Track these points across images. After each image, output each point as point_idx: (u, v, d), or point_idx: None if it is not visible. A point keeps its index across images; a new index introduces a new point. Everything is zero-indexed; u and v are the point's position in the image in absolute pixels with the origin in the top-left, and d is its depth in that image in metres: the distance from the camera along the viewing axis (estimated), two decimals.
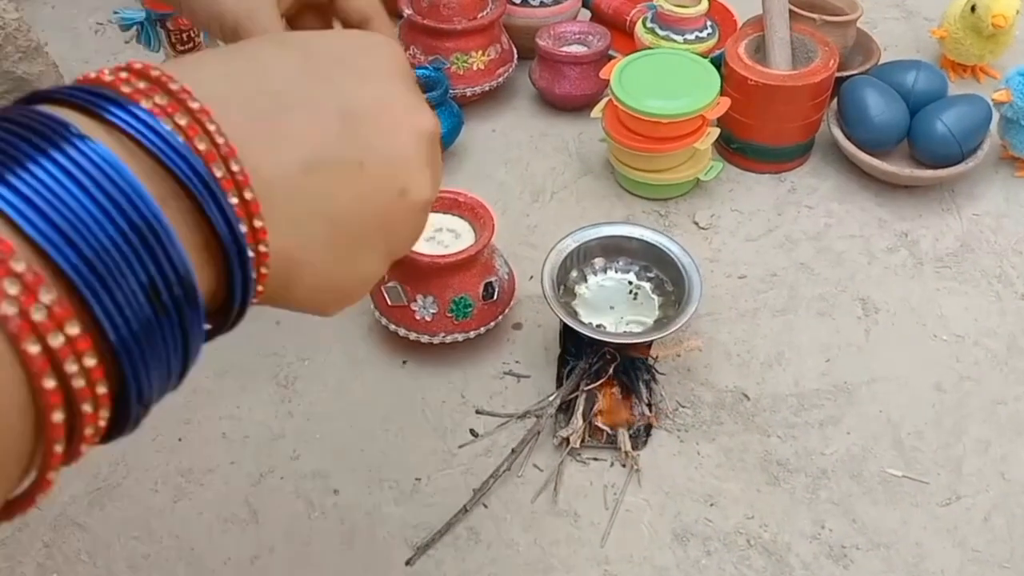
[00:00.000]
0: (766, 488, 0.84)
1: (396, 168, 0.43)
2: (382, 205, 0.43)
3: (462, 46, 1.14)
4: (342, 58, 0.43)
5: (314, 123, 0.40)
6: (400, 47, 0.46)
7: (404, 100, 0.43)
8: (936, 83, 1.11)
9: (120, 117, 0.32)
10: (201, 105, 0.34)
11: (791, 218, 1.08)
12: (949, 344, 0.95)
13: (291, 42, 0.42)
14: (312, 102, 0.40)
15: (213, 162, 0.34)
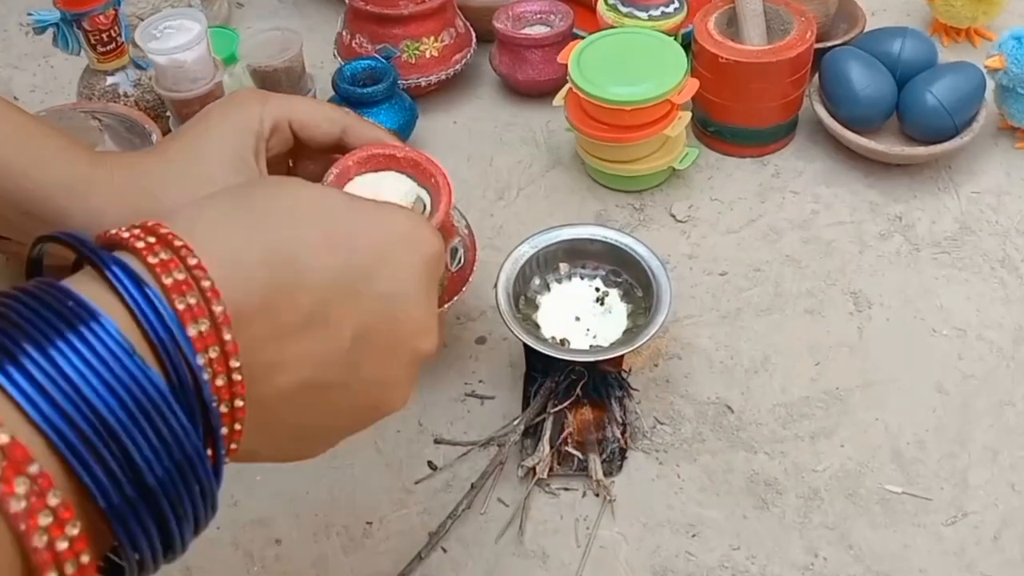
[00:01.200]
0: (753, 513, 0.76)
1: (378, 391, 0.47)
2: (353, 416, 0.47)
3: (412, 32, 1.05)
4: (380, 259, 0.45)
5: (326, 346, 0.43)
6: (438, 241, 0.49)
7: (415, 320, 0.47)
8: (925, 51, 1.02)
9: (140, 305, 0.36)
10: (224, 311, 0.37)
11: (775, 206, 0.99)
12: (950, 339, 0.87)
13: (339, 231, 0.44)
14: (333, 322, 0.42)
15: (219, 373, 0.37)
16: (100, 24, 0.99)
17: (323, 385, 0.43)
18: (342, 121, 0.70)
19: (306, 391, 0.43)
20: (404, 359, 0.47)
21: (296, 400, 0.43)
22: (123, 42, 1.02)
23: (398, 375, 0.47)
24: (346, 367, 0.44)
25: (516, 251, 0.84)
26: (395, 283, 0.45)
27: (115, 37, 1.01)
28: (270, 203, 0.43)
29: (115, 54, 1.02)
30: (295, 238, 0.42)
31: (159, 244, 0.38)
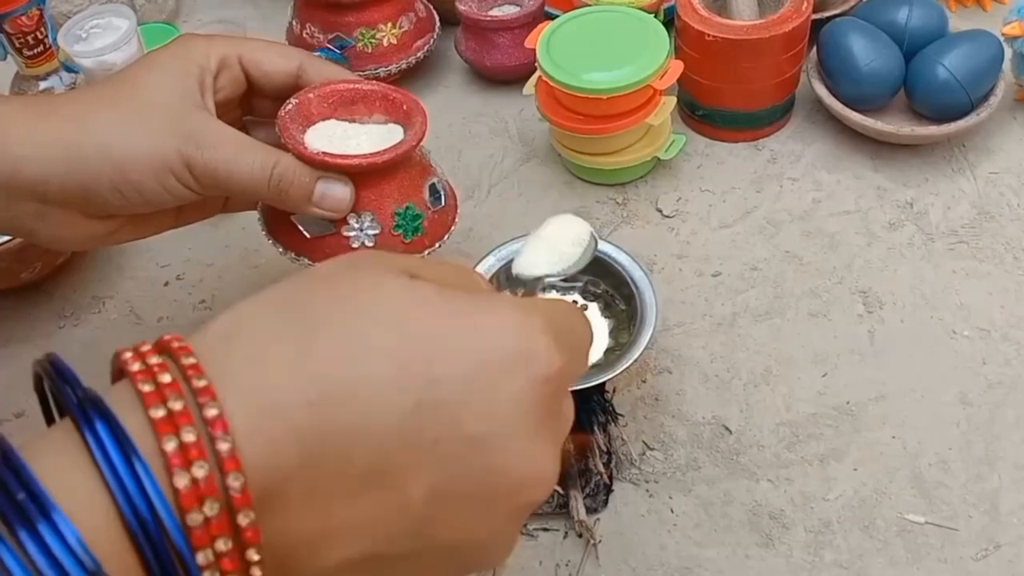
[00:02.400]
0: (756, 552, 0.67)
1: (464, 555, 0.37)
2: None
3: (366, 19, 0.96)
4: (470, 391, 0.34)
5: (391, 512, 0.33)
6: (558, 357, 0.36)
7: (520, 466, 0.35)
8: (934, 19, 0.93)
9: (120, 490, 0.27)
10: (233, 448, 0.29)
11: (772, 195, 0.90)
12: (972, 341, 0.78)
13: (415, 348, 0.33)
14: (403, 479, 0.33)
15: (228, 573, 0.29)
16: (24, 26, 0.92)
17: (385, 558, 0.34)
18: (298, 57, 0.63)
19: (361, 567, 0.34)
20: (502, 514, 0.37)
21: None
22: (51, 45, 0.94)
23: (493, 533, 0.37)
24: (417, 535, 0.34)
25: (481, 265, 0.75)
26: (488, 422, 0.35)
27: (42, 39, 0.93)
28: (334, 310, 0.34)
29: (44, 58, 0.95)
30: (357, 372, 0.32)
31: (173, 387, 0.29)
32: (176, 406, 0.29)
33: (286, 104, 0.63)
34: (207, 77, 0.59)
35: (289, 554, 0.31)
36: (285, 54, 0.63)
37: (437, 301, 0.35)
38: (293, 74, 0.63)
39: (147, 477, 0.27)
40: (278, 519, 0.30)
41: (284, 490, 0.30)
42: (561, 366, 0.36)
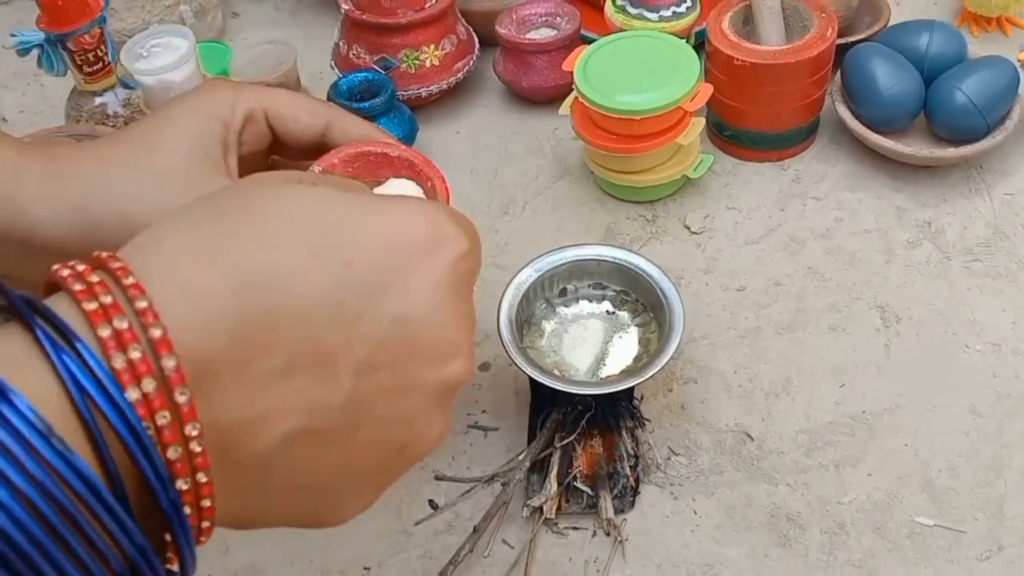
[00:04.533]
0: (775, 551, 0.71)
1: (399, 431, 0.39)
2: (373, 467, 0.39)
3: (411, 41, 1.01)
4: (387, 271, 0.37)
5: (321, 389, 0.35)
6: (467, 239, 0.39)
7: (440, 341, 0.38)
8: (954, 45, 0.97)
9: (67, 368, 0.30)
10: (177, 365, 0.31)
11: (796, 213, 0.94)
12: (984, 356, 0.82)
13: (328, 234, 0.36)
14: (326, 358, 0.35)
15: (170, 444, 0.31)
16: (85, 44, 0.96)
17: (322, 435, 0.36)
18: (326, 115, 0.61)
19: (299, 444, 0.35)
20: (428, 391, 0.39)
21: (289, 457, 0.36)
22: (110, 61, 0.99)
23: (423, 409, 0.39)
24: (349, 410, 0.36)
25: (519, 276, 0.80)
26: (408, 299, 0.37)
27: (102, 57, 0.98)
28: (244, 215, 0.36)
29: (102, 74, 0.99)
30: (274, 258, 0.35)
31: (102, 285, 0.31)
32: (107, 300, 0.31)
33: (311, 168, 0.62)
34: (231, 135, 0.58)
35: (229, 436, 0.33)
36: (313, 112, 0.61)
37: (343, 198, 0.38)
38: (319, 132, 0.61)
39: (89, 355, 0.30)
40: (215, 399, 0.32)
41: (216, 371, 0.33)
42: (467, 249, 0.39)
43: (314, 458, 0.36)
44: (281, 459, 0.35)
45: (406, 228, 0.38)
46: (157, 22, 1.14)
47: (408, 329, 0.37)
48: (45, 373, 0.30)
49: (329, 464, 0.37)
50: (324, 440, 0.36)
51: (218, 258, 0.34)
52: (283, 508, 0.38)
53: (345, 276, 0.35)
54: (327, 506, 0.39)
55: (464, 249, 0.39)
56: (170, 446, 0.31)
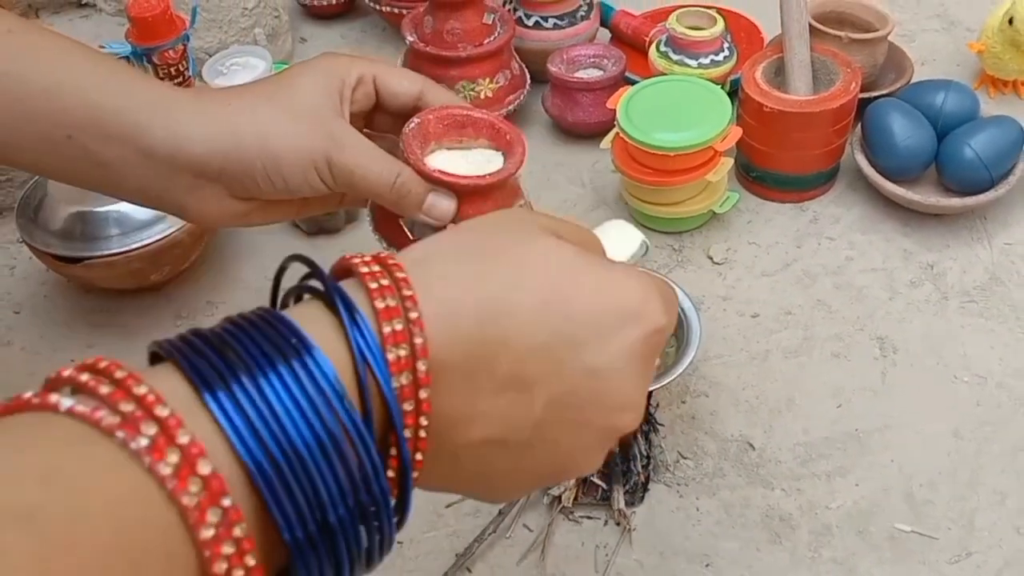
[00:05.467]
0: (766, 546, 0.80)
1: (565, 456, 0.46)
2: (537, 474, 0.47)
3: (468, 74, 1.11)
4: (594, 331, 0.44)
5: (519, 410, 0.43)
6: (666, 318, 0.46)
7: (619, 396, 0.45)
8: (967, 104, 1.05)
9: (359, 347, 0.37)
10: (427, 370, 0.39)
11: (811, 251, 1.03)
12: (971, 386, 0.90)
13: (558, 290, 0.43)
14: (532, 387, 0.43)
15: (408, 426, 0.39)
16: (169, 59, 1.06)
17: (508, 443, 0.44)
18: (420, 82, 0.70)
19: (491, 447, 0.43)
20: (598, 431, 0.46)
21: (480, 452, 0.43)
22: (190, 76, 1.09)
23: (586, 445, 0.47)
24: (534, 431, 0.44)
25: None
26: (604, 358, 0.44)
27: (183, 71, 1.08)
28: (500, 255, 0.43)
29: (183, 85, 1.09)
30: (513, 299, 0.42)
31: (389, 289, 0.39)
32: (392, 303, 0.39)
33: (409, 122, 0.70)
34: (347, 90, 0.66)
35: (444, 426, 0.41)
36: (411, 78, 0.71)
37: (578, 258, 0.45)
38: (415, 96, 0.70)
39: (373, 343, 0.38)
40: (442, 398, 0.40)
41: (449, 378, 0.40)
42: (664, 325, 0.46)
43: (495, 460, 0.44)
44: (472, 454, 0.43)
45: (619, 297, 0.45)
46: (233, 42, 1.25)
47: (597, 381, 0.44)
48: (341, 348, 0.37)
49: (504, 467, 0.45)
50: (507, 449, 0.44)
51: (474, 290, 0.41)
52: (458, 486, 0.46)
53: (561, 327, 0.43)
54: (489, 493, 0.48)
55: (661, 325, 0.46)
56: (408, 427, 0.39)
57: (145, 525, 0.31)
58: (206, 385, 0.34)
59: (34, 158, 0.63)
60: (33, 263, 1.04)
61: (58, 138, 0.61)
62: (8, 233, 1.10)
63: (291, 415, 0.34)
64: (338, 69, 0.66)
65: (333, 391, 0.35)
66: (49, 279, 1.04)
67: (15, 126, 0.61)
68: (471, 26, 1.11)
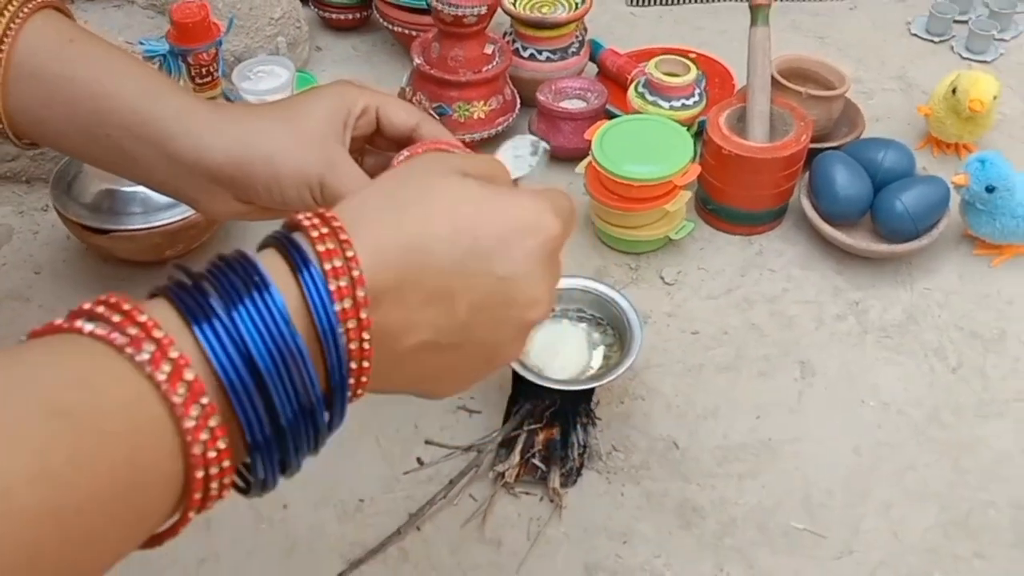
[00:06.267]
0: (677, 531, 0.92)
1: (490, 350, 0.56)
2: (470, 368, 0.57)
3: (465, 96, 1.24)
4: (500, 245, 0.53)
5: (444, 317, 0.52)
6: (558, 223, 0.56)
7: (529, 294, 0.55)
8: (903, 162, 1.18)
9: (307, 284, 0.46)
10: (365, 296, 0.47)
11: (753, 280, 1.15)
12: (874, 411, 1.02)
13: (464, 218, 0.53)
14: (452, 298, 0.52)
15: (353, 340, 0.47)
16: (202, 60, 1.18)
17: (441, 346, 0.53)
18: (418, 116, 0.77)
19: (426, 350, 0.52)
20: (514, 325, 0.56)
21: (418, 356, 0.52)
22: (218, 76, 1.21)
23: (508, 337, 0.56)
24: (461, 332, 0.53)
25: None
26: (511, 265, 0.53)
27: (212, 72, 1.20)
28: (417, 196, 0.52)
29: (210, 86, 1.21)
30: (429, 233, 0.51)
31: (329, 235, 0.47)
32: (331, 246, 0.47)
33: (400, 154, 0.77)
34: (351, 119, 0.73)
35: (385, 337, 0.49)
36: (409, 112, 0.76)
37: (481, 190, 0.54)
38: (411, 127, 0.77)
39: (320, 279, 0.46)
40: (380, 315, 0.48)
41: (384, 299, 0.48)
42: (559, 232, 0.55)
43: (432, 360, 0.53)
44: (411, 358, 0.52)
45: (517, 215, 0.54)
46: (259, 47, 1.38)
47: (507, 284, 0.53)
48: (292, 284, 0.46)
49: (441, 365, 0.54)
50: (441, 350, 0.53)
51: (397, 228, 0.50)
52: (406, 386, 0.55)
53: (471, 246, 0.52)
54: (434, 389, 0.57)
55: (556, 232, 0.55)
56: (352, 340, 0.47)
57: (146, 419, 0.41)
58: (191, 315, 0.43)
59: (77, 147, 0.75)
60: (55, 230, 1.16)
61: (99, 135, 0.72)
62: (35, 201, 1.23)
63: (253, 339, 0.43)
64: (347, 98, 0.74)
65: (282, 318, 0.44)
66: (70, 246, 1.17)
67: (64, 121, 0.72)
68: (473, 54, 1.24)
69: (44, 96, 0.72)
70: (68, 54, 0.72)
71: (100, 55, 0.73)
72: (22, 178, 1.24)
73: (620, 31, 1.56)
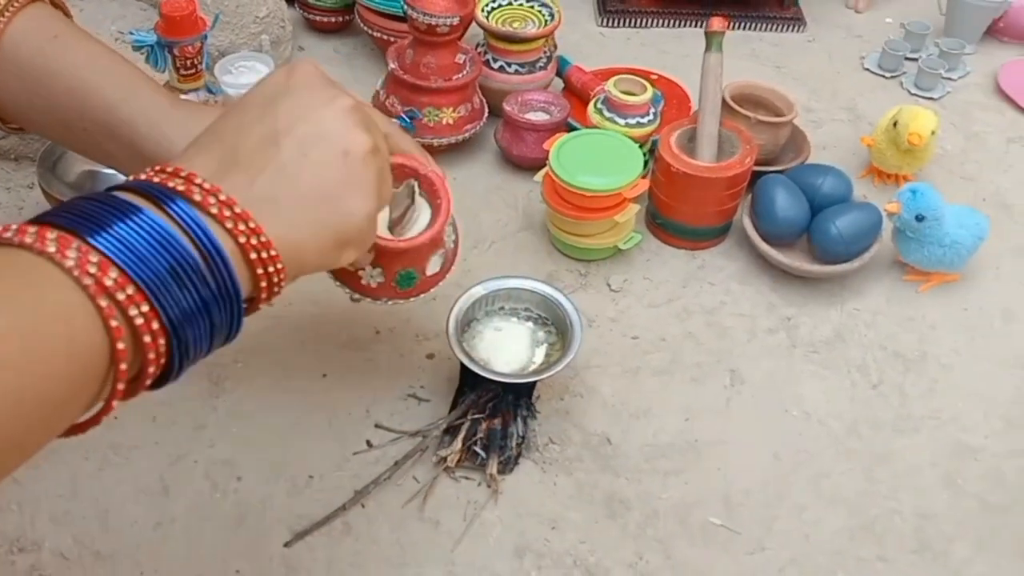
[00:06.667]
0: (603, 520, 0.99)
1: (330, 139, 0.63)
2: (335, 169, 0.63)
3: (435, 102, 1.30)
4: (281, 94, 0.63)
5: (267, 155, 0.61)
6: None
7: (319, 97, 0.63)
8: (841, 188, 1.25)
9: (172, 207, 0.54)
10: (227, 197, 0.57)
11: (693, 292, 1.23)
12: (797, 420, 1.10)
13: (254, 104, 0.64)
14: (266, 146, 0.61)
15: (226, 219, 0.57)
16: (187, 53, 1.24)
17: (281, 169, 0.61)
18: (387, 128, 0.83)
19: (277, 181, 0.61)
20: (325, 117, 0.63)
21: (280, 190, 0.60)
22: (202, 69, 1.27)
23: (333, 126, 0.64)
24: (287, 150, 0.61)
25: (472, 290, 1.08)
26: (293, 83, 0.64)
27: (197, 64, 1.25)
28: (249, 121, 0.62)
29: (193, 77, 1.26)
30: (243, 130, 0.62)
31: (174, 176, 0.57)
32: (180, 186, 0.56)
33: None
34: None
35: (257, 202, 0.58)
36: (381, 122, 0.81)
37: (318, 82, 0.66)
38: None
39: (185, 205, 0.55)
40: (230, 184, 0.58)
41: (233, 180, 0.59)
42: (355, 104, 0.66)
43: (290, 180, 0.61)
44: (277, 195, 0.60)
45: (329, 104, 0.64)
46: (243, 44, 1.44)
47: (299, 101, 0.64)
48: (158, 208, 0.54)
49: (303, 179, 0.62)
50: (288, 169, 0.61)
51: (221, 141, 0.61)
52: (313, 220, 0.62)
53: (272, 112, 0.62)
54: (340, 209, 0.64)
55: (350, 104, 0.65)
56: (226, 220, 0.56)
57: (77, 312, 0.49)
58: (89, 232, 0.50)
59: (57, 136, 0.82)
60: (40, 207, 1.22)
61: (76, 128, 0.79)
62: (22, 179, 1.29)
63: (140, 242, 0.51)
64: None
65: (158, 225, 0.53)
66: None
67: (45, 112, 0.79)
68: (444, 63, 1.30)
69: (27, 87, 0.78)
70: (52, 49, 0.78)
71: (82, 52, 0.79)
72: (11, 156, 1.30)
73: (589, 49, 1.64)
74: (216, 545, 0.95)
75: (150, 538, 0.95)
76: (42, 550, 0.93)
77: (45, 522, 0.95)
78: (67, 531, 0.94)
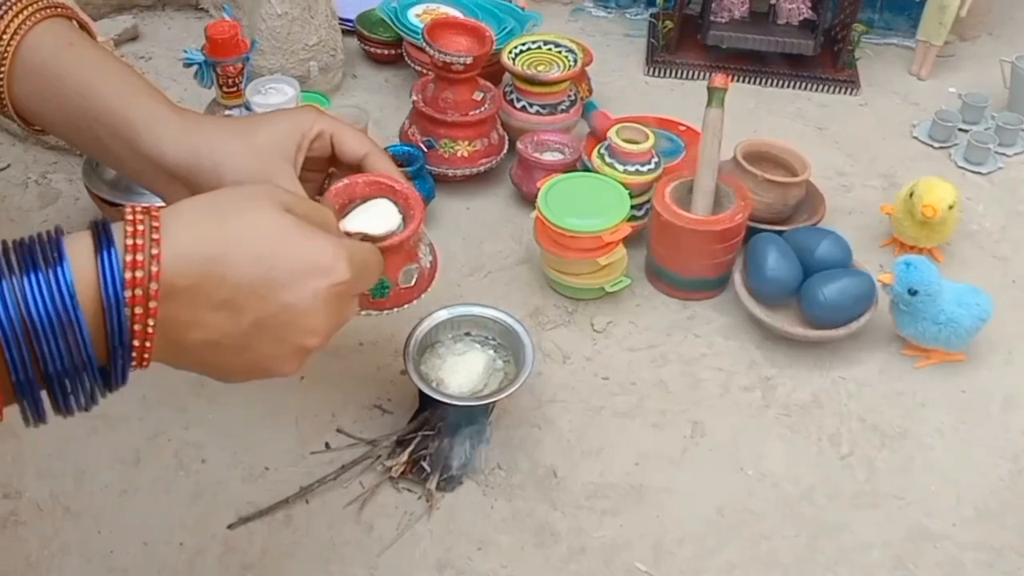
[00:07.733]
0: (530, 548, 1.00)
1: (267, 361, 0.67)
2: (246, 370, 0.67)
3: (452, 135, 1.35)
4: (292, 279, 0.64)
5: (231, 325, 0.63)
6: (350, 272, 0.67)
7: (306, 326, 0.66)
8: (837, 253, 1.24)
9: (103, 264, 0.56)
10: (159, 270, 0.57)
11: (676, 341, 1.24)
12: (751, 479, 1.09)
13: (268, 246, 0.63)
14: (243, 311, 0.62)
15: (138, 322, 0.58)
16: (229, 72, 1.31)
17: (223, 347, 0.63)
18: (368, 147, 0.88)
19: (208, 346, 0.63)
20: (291, 347, 0.66)
21: (200, 349, 0.63)
22: (243, 88, 1.34)
23: (284, 355, 0.67)
24: (242, 340, 0.63)
25: (437, 313, 1.11)
26: (297, 298, 0.64)
27: (238, 83, 1.33)
28: (234, 217, 0.62)
29: (235, 95, 1.34)
30: (234, 252, 0.61)
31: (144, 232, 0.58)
32: (140, 241, 0.56)
33: (340, 180, 0.87)
34: (304, 141, 0.84)
35: (171, 327, 0.59)
36: (360, 142, 0.88)
37: (292, 227, 0.64)
38: (359, 157, 0.89)
39: (117, 264, 0.55)
40: (170, 308, 0.58)
41: (177, 296, 0.58)
42: (349, 279, 0.66)
43: (214, 356, 0.64)
44: (195, 349, 0.64)
45: (315, 256, 0.65)
46: (292, 68, 1.52)
47: (290, 312, 0.64)
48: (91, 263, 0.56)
49: (222, 361, 0.65)
50: (222, 349, 0.65)
51: (208, 240, 0.60)
52: (192, 368, 0.66)
53: (267, 274, 0.62)
54: (215, 375, 0.67)
55: (345, 279, 0.66)
56: (137, 323, 0.57)
57: None
58: None
59: (66, 136, 0.87)
60: None
61: (83, 128, 0.84)
62: None
63: (36, 300, 0.53)
64: (303, 121, 0.85)
65: (67, 289, 0.54)
66: (99, 214, 1.31)
67: (56, 112, 0.84)
68: (462, 99, 1.36)
69: (41, 89, 0.84)
70: (65, 56, 0.84)
71: (92, 60, 0.85)
72: (76, 152, 1.43)
73: (631, 97, 1.67)
74: (169, 517, 1.01)
75: (114, 503, 1.02)
76: (22, 499, 1.02)
77: (31, 475, 1.04)
78: (47, 485, 1.03)
